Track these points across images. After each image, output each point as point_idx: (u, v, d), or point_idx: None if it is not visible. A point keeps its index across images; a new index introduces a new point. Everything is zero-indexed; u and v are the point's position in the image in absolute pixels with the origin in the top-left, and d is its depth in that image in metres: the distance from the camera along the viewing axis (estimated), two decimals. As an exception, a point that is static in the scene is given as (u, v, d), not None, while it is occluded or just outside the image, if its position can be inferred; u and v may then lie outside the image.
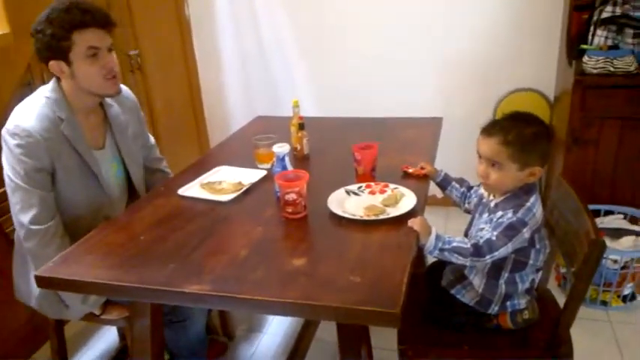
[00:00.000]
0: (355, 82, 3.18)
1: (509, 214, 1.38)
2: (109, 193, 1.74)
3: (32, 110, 1.57)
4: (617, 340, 2.14)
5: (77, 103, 1.65)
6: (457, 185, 1.69)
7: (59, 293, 1.65)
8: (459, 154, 2.26)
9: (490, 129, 1.42)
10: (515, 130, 1.38)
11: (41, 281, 1.32)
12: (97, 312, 1.71)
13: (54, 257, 1.37)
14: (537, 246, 1.45)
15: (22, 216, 1.57)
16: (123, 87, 1.77)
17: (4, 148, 1.57)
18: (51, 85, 1.64)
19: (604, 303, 2.31)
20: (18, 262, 1.73)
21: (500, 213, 1.41)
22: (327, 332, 2.14)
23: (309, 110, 3.14)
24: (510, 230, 1.37)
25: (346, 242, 1.36)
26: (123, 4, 2.82)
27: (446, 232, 1.39)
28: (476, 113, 2.18)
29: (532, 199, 1.41)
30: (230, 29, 3.33)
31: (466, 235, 1.57)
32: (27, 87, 2.20)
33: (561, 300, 1.45)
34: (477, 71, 3.00)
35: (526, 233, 1.38)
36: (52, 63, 1.58)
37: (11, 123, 1.56)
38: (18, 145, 1.53)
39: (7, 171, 1.58)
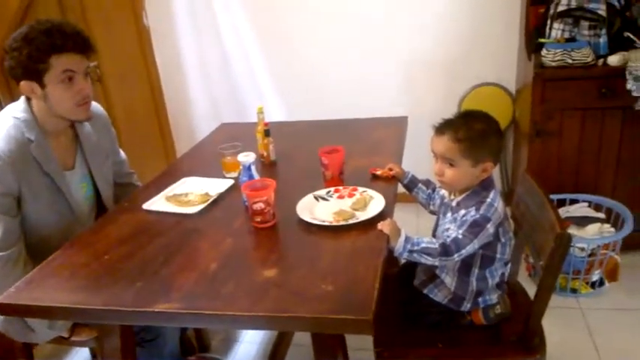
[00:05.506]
0: (320, 85, 3.18)
1: (473, 212, 1.41)
2: (78, 214, 1.70)
3: None
4: (589, 326, 2.18)
5: (47, 125, 1.62)
6: (423, 187, 1.70)
7: (24, 318, 1.59)
8: (426, 151, 2.27)
9: (442, 127, 1.45)
10: (465, 127, 1.41)
11: (4, 309, 1.27)
12: (65, 335, 1.66)
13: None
14: (502, 239, 1.47)
15: None
16: (94, 104, 1.72)
17: None
18: (21, 105, 1.60)
19: (573, 290, 2.36)
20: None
21: (463, 211, 1.43)
22: (304, 337, 2.10)
23: (274, 114, 3.13)
24: (475, 227, 1.39)
25: (317, 250, 1.35)
26: (78, 15, 2.76)
27: (417, 228, 1.40)
28: (441, 110, 2.19)
29: (492, 195, 1.44)
30: (191, 37, 3.29)
31: (434, 235, 1.59)
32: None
33: (532, 290, 1.46)
34: (439, 68, 3.03)
35: (490, 228, 1.40)
36: (23, 83, 1.54)
37: None
38: None
39: None
